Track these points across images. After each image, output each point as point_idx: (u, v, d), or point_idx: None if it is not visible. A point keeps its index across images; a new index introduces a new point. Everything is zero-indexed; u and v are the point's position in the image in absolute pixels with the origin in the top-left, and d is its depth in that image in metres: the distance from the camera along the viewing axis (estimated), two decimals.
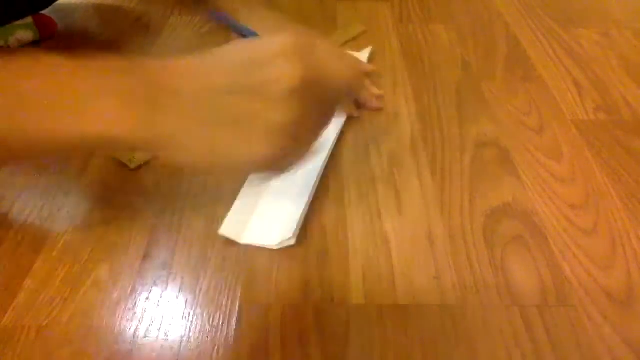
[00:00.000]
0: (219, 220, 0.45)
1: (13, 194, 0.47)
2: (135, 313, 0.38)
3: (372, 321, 0.38)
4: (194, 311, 0.38)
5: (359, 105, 0.56)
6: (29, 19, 0.66)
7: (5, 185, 0.48)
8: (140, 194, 0.47)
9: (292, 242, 0.42)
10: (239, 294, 0.39)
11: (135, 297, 0.39)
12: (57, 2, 0.68)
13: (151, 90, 0.30)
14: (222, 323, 0.38)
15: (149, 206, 0.46)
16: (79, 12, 0.75)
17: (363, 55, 0.63)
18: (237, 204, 0.44)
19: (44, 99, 0.30)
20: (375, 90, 0.56)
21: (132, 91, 0.30)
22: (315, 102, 0.31)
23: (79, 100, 0.30)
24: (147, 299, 0.39)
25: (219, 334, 0.37)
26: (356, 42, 0.68)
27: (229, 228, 0.42)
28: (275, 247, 0.42)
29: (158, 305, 0.39)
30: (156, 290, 0.40)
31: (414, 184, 0.48)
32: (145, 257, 0.42)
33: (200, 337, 0.37)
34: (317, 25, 0.71)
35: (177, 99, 0.30)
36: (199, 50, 0.31)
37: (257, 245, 0.42)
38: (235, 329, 0.37)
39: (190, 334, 0.37)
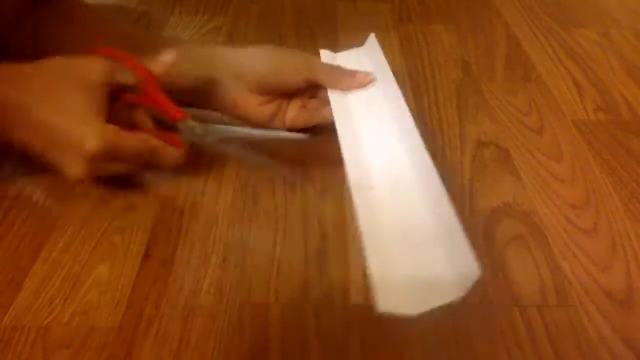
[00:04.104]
0: (218, 220, 0.45)
1: (13, 193, 0.47)
2: (135, 313, 0.38)
3: (372, 321, 0.38)
4: (194, 311, 0.38)
5: None
6: None
7: (5, 185, 0.48)
8: (140, 194, 0.47)
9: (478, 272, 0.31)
10: (239, 294, 0.39)
11: (135, 297, 0.39)
12: None
13: None
14: (222, 323, 0.38)
15: (149, 206, 0.46)
16: None
17: (370, 45, 0.55)
18: (376, 266, 0.33)
19: None
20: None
21: None
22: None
23: None
24: (146, 299, 0.39)
25: (219, 334, 0.37)
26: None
27: (389, 300, 0.31)
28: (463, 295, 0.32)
29: (158, 305, 0.39)
30: (156, 290, 0.40)
31: None
32: (145, 257, 0.42)
33: (200, 337, 0.37)
34: (317, 25, 0.72)
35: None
36: None
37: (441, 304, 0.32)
38: (235, 329, 0.37)
39: (190, 334, 0.37)
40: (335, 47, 0.66)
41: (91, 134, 0.39)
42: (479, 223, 0.45)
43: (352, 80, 0.49)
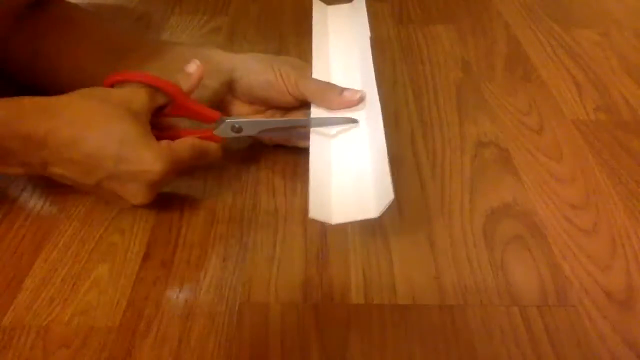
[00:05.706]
0: (218, 220, 0.45)
1: (13, 193, 0.47)
2: (135, 313, 0.38)
3: (372, 321, 0.38)
4: (194, 311, 0.38)
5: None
6: None
7: (5, 185, 0.48)
8: None
9: (392, 197, 0.36)
10: (239, 294, 0.39)
11: (135, 297, 0.39)
12: None
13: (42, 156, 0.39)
14: (222, 323, 0.38)
15: (149, 206, 0.46)
16: None
17: (358, 4, 0.58)
18: (313, 181, 0.40)
19: None
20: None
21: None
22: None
23: None
24: (147, 299, 0.39)
25: (218, 334, 0.37)
26: None
27: (316, 210, 0.37)
28: (376, 216, 0.37)
29: (158, 305, 0.39)
30: (156, 290, 0.40)
31: (414, 184, 0.48)
32: (145, 257, 0.42)
33: (200, 337, 0.37)
34: None
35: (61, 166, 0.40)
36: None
37: (353, 220, 0.38)
38: (235, 329, 0.37)
39: (190, 334, 0.37)
40: None
41: (154, 158, 0.39)
42: (479, 223, 0.45)
43: (339, 98, 0.47)
